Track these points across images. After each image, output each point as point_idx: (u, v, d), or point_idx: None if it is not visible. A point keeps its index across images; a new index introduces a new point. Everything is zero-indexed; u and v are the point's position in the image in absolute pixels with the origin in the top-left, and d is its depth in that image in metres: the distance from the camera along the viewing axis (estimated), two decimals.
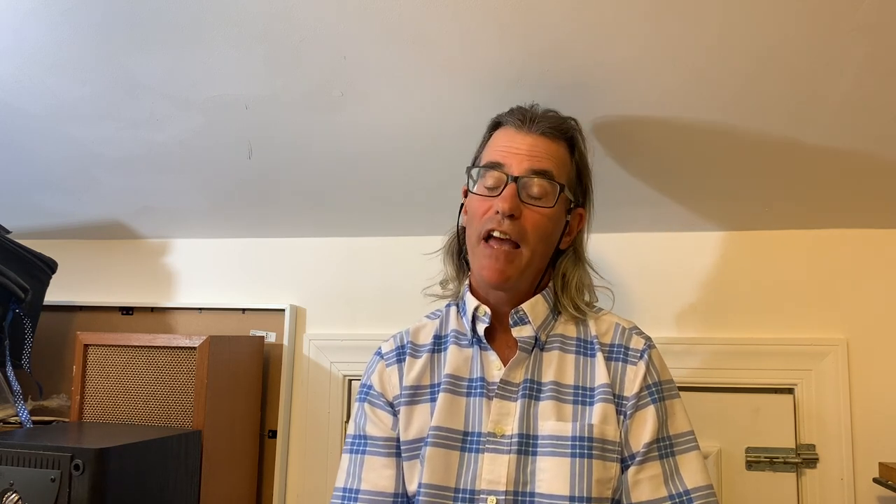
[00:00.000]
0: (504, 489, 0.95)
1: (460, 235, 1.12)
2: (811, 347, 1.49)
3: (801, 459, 1.47)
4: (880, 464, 1.42)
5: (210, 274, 1.82)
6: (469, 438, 0.99)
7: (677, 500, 0.96)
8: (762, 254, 1.54)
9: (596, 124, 1.25)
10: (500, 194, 1.00)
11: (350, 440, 1.07)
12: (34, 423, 1.56)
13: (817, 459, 1.46)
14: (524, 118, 1.05)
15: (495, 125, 1.10)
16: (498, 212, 0.98)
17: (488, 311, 1.05)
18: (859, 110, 1.17)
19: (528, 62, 1.14)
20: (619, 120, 1.24)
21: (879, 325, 1.48)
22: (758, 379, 1.50)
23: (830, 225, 1.52)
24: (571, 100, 1.19)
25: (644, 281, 1.57)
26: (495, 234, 0.99)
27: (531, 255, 1.01)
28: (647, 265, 1.58)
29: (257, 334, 1.73)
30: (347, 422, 1.68)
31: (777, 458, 1.47)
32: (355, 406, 1.10)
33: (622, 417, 0.99)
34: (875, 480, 1.41)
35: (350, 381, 1.70)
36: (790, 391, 1.50)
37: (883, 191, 1.38)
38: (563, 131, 1.06)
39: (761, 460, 1.48)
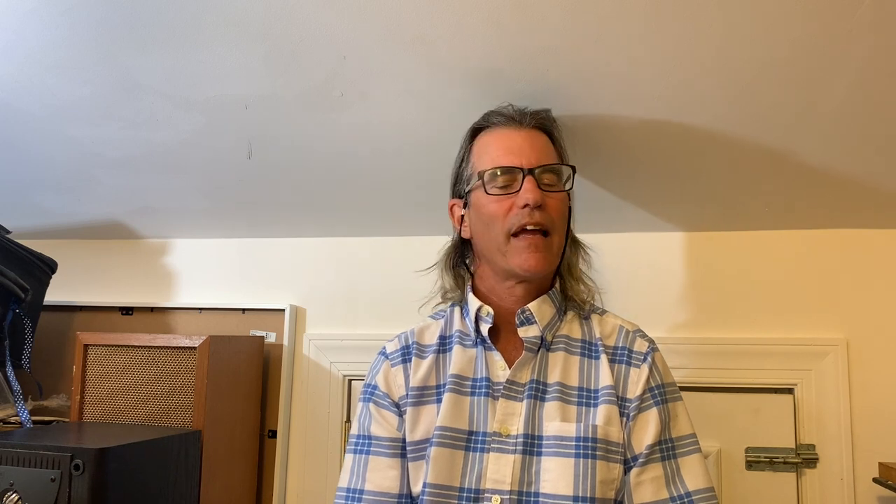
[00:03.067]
0: (509, 489, 0.95)
1: (457, 247, 1.14)
2: (811, 347, 1.49)
3: (801, 459, 1.47)
4: (880, 464, 1.42)
5: (210, 274, 1.82)
6: (474, 438, 0.99)
7: (679, 502, 0.96)
8: (762, 254, 1.54)
9: (595, 124, 1.25)
10: (518, 190, 1.02)
11: (354, 440, 1.07)
12: (34, 423, 1.56)
13: (817, 459, 1.46)
14: (513, 116, 1.08)
15: (475, 132, 1.12)
16: (526, 205, 1.00)
17: (491, 311, 1.05)
18: (859, 111, 1.17)
19: (527, 62, 1.14)
20: (619, 120, 1.24)
21: (879, 325, 1.48)
22: (758, 379, 1.50)
23: (830, 225, 1.52)
24: (571, 100, 1.19)
25: (644, 281, 1.57)
26: (529, 227, 1.01)
27: (560, 242, 1.04)
28: (646, 265, 1.58)
29: (257, 334, 1.73)
30: (347, 422, 1.68)
31: (777, 458, 1.47)
32: (359, 406, 1.10)
33: (625, 419, 1.00)
34: (875, 480, 1.41)
35: (350, 381, 1.70)
36: (790, 391, 1.50)
37: (882, 191, 1.38)
38: (545, 122, 1.10)
39: (761, 460, 1.48)
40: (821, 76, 1.10)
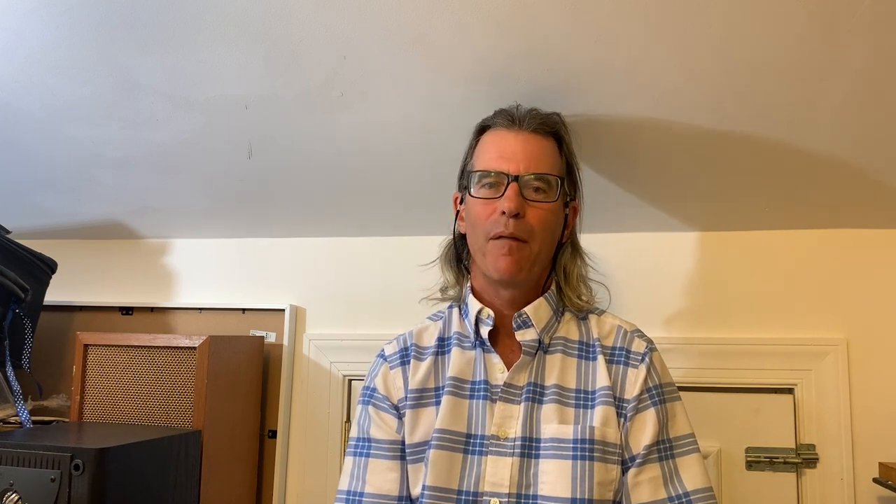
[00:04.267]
0: (507, 491, 0.95)
1: (457, 242, 1.14)
2: (811, 347, 1.49)
3: (801, 459, 1.47)
4: (880, 464, 1.42)
5: (210, 274, 1.82)
6: (472, 441, 0.99)
7: (677, 502, 0.96)
8: (762, 254, 1.54)
9: (595, 124, 1.25)
10: (502, 195, 1.01)
11: (353, 443, 1.07)
12: (34, 423, 1.56)
13: (817, 459, 1.46)
14: (513, 118, 1.07)
15: (482, 129, 1.11)
16: (503, 212, 1.00)
17: (492, 313, 1.05)
18: (860, 110, 1.17)
19: (528, 62, 1.14)
20: (619, 121, 1.24)
21: (879, 325, 1.48)
22: (758, 379, 1.50)
23: (830, 225, 1.52)
24: (571, 99, 1.19)
25: (644, 281, 1.57)
26: (504, 235, 1.00)
27: (539, 250, 1.03)
28: (647, 265, 1.58)
29: (257, 334, 1.73)
30: (347, 422, 1.68)
31: (777, 458, 1.47)
32: (358, 408, 1.09)
33: (622, 420, 1.00)
34: (875, 480, 1.41)
35: (350, 381, 1.70)
36: (790, 391, 1.50)
37: (883, 191, 1.38)
38: (550, 126, 1.08)
39: (761, 460, 1.48)
40: (821, 75, 1.10)
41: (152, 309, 1.82)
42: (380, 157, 1.42)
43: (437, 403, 1.03)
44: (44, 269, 1.68)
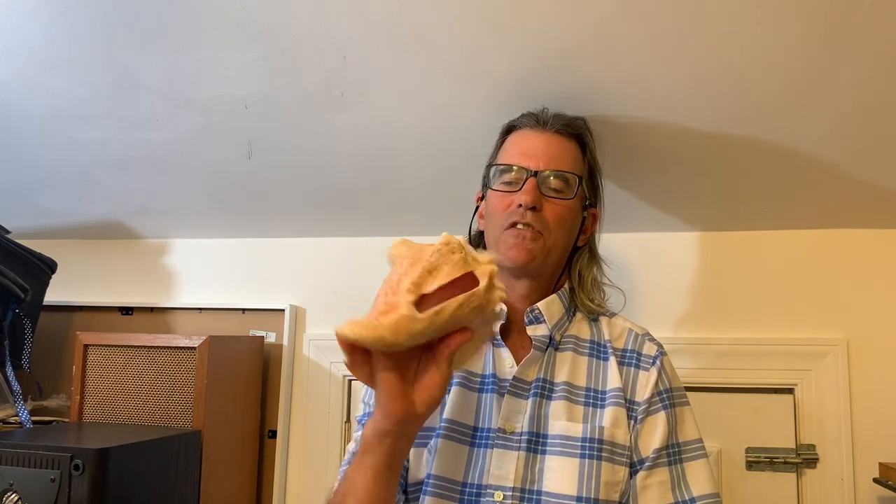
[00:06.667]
0: (511, 485, 0.95)
1: (474, 238, 1.15)
2: (811, 347, 1.49)
3: (801, 459, 1.47)
4: (880, 464, 1.42)
5: (210, 274, 1.82)
6: (479, 434, 0.99)
7: None
8: (762, 254, 1.54)
9: (595, 125, 1.25)
10: (520, 189, 1.03)
11: (360, 418, 1.07)
12: (34, 423, 1.56)
13: (817, 459, 1.46)
14: (538, 119, 1.10)
15: (508, 129, 1.14)
16: (520, 205, 1.01)
17: (504, 308, 1.05)
18: (859, 110, 1.17)
19: (527, 63, 1.14)
20: (619, 122, 1.24)
21: (879, 325, 1.48)
22: (758, 379, 1.50)
23: (830, 225, 1.52)
24: (572, 101, 1.19)
25: (644, 281, 1.56)
26: (519, 226, 1.02)
27: (553, 244, 1.04)
28: (646, 265, 1.58)
29: (257, 334, 1.73)
30: (347, 422, 1.68)
31: (777, 458, 1.47)
32: (364, 390, 1.08)
33: (633, 422, 1.00)
34: (875, 480, 1.41)
35: (350, 381, 1.69)
36: (790, 391, 1.50)
37: (882, 191, 1.38)
38: (573, 129, 1.11)
39: (761, 460, 1.48)
40: (822, 75, 1.10)
41: (152, 309, 1.81)
42: (380, 156, 1.42)
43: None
44: (44, 269, 1.69)
